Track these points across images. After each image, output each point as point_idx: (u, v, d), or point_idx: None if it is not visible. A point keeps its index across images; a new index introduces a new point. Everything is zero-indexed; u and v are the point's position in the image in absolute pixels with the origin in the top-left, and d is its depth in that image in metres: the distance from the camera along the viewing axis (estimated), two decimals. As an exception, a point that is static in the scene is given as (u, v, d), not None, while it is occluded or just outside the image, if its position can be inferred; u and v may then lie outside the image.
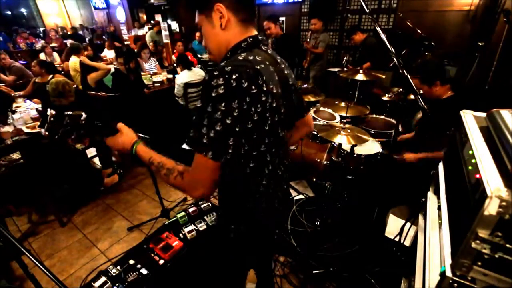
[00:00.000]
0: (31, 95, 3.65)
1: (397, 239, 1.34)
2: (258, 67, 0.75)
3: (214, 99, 0.70)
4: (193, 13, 0.87)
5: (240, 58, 0.77)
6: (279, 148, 0.90)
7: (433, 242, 0.91)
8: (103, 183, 2.92)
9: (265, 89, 0.75)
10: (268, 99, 0.77)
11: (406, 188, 1.74)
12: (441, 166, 1.13)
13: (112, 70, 3.72)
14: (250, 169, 0.84)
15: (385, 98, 2.93)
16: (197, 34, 6.04)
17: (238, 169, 0.83)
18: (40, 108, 3.10)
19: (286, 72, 0.91)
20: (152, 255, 1.64)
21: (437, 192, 1.09)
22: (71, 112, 0.99)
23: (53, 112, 0.96)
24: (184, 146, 1.92)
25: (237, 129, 0.73)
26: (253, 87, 0.73)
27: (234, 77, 0.70)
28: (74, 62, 3.99)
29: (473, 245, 0.61)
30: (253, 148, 0.80)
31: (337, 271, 1.84)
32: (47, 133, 0.94)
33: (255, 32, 0.86)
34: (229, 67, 0.71)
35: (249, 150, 0.80)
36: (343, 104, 2.71)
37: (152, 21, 7.24)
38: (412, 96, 1.90)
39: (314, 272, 1.86)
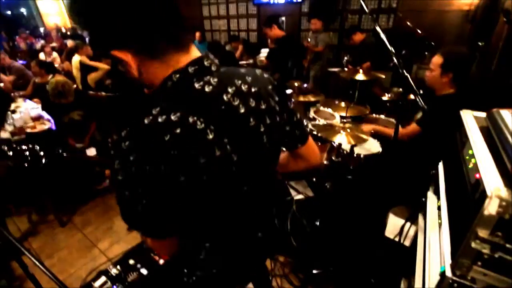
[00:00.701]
0: (31, 95, 3.65)
1: (397, 239, 1.34)
2: (168, 137, 0.54)
3: (120, 185, 0.60)
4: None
5: (146, 122, 0.55)
6: (230, 209, 0.74)
7: (433, 242, 0.91)
8: (102, 182, 2.92)
9: (181, 165, 0.57)
10: (191, 175, 0.59)
11: (406, 188, 1.74)
12: (441, 166, 1.13)
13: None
14: (201, 227, 0.74)
15: (385, 98, 2.93)
16: (197, 34, 6.04)
17: (186, 227, 0.75)
18: (41, 112, 3.10)
19: (242, 110, 0.64)
20: (152, 255, 1.63)
21: (437, 192, 1.09)
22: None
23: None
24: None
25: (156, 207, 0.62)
26: (162, 168, 0.56)
27: (131, 159, 0.55)
28: (76, 61, 4.00)
29: (473, 245, 0.61)
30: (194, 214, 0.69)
31: (337, 271, 1.84)
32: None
33: (185, 61, 0.60)
34: (127, 143, 0.55)
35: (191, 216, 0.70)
36: (343, 104, 2.71)
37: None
38: (412, 96, 1.90)
39: (314, 272, 1.86)
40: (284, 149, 0.90)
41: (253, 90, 0.67)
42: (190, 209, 0.67)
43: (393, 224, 1.64)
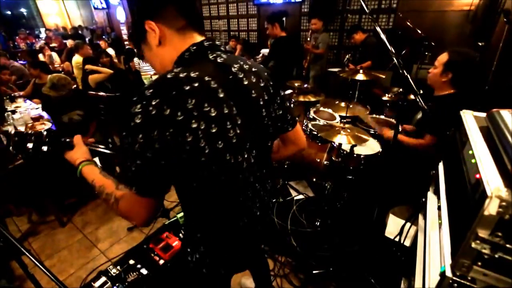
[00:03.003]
0: (31, 95, 3.66)
1: (397, 239, 1.34)
2: (188, 87, 0.64)
3: (131, 130, 0.62)
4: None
5: (168, 76, 0.65)
6: (236, 174, 0.77)
7: (433, 242, 0.91)
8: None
9: (195, 113, 0.63)
10: (201, 125, 0.64)
11: (406, 188, 1.74)
12: (441, 166, 1.13)
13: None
14: (198, 199, 0.78)
15: (385, 98, 2.93)
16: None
17: (183, 198, 0.80)
18: (41, 111, 3.10)
19: (246, 82, 0.76)
20: (152, 255, 1.64)
21: (437, 192, 1.09)
22: (31, 131, 0.97)
23: (13, 132, 0.95)
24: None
25: (162, 162, 0.64)
26: (179, 114, 0.62)
27: (153, 103, 0.61)
28: (76, 61, 3.99)
29: (473, 245, 0.61)
30: (191, 180, 0.72)
31: (337, 271, 1.84)
32: (15, 152, 0.93)
33: (199, 38, 0.74)
34: (150, 90, 0.62)
35: (187, 181, 0.73)
36: (343, 104, 2.71)
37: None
38: (412, 96, 1.89)
39: (314, 272, 1.86)
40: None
41: (253, 69, 0.80)
42: (200, 167, 0.70)
43: (393, 224, 1.64)
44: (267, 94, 0.81)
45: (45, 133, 0.97)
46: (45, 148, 0.96)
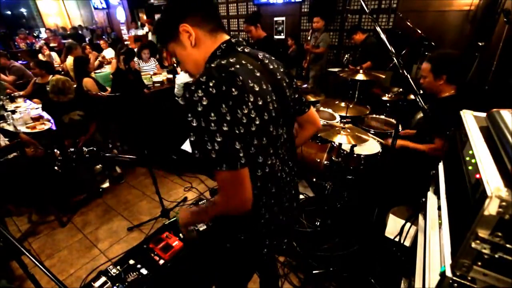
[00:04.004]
0: (31, 95, 3.65)
1: (397, 239, 1.34)
2: (233, 68, 0.74)
3: (202, 113, 0.68)
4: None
5: (213, 65, 0.76)
6: (277, 148, 0.86)
7: (433, 242, 0.91)
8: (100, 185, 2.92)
9: (246, 88, 0.73)
10: (251, 98, 0.74)
11: (406, 188, 1.74)
12: (441, 166, 1.13)
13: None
14: (257, 169, 0.82)
15: (385, 98, 2.93)
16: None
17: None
18: (41, 111, 3.10)
19: (271, 67, 0.88)
20: (152, 255, 1.63)
21: (437, 192, 1.09)
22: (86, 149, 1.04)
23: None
24: (184, 147, 1.91)
25: (237, 132, 0.71)
26: (233, 89, 0.70)
27: (211, 84, 0.69)
28: (70, 63, 3.98)
29: (473, 245, 0.61)
30: (247, 151, 0.76)
31: (337, 271, 1.84)
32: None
33: (226, 37, 0.85)
34: (203, 77, 0.70)
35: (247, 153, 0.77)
36: (343, 104, 2.71)
37: (153, 22, 7.25)
38: (412, 96, 1.89)
39: (314, 272, 1.86)
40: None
41: (272, 58, 0.93)
42: (254, 137, 0.77)
43: (393, 224, 1.64)
44: (287, 78, 0.94)
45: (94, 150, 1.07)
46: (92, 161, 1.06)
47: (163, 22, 0.85)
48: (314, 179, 2.57)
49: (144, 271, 1.52)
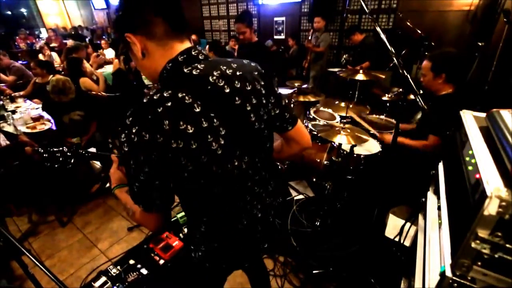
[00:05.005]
0: (31, 95, 3.65)
1: (397, 239, 1.34)
2: (161, 109, 0.64)
3: (125, 156, 0.68)
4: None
5: (144, 101, 0.67)
6: (227, 183, 0.79)
7: (433, 242, 0.91)
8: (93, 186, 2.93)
9: (172, 134, 0.65)
10: (179, 144, 0.66)
11: (406, 188, 1.74)
12: (441, 166, 1.13)
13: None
14: (195, 206, 0.84)
15: (385, 98, 2.93)
16: (194, 36, 6.05)
17: (182, 203, 0.86)
18: (41, 111, 3.10)
19: (227, 90, 0.72)
20: (152, 255, 1.64)
21: (437, 192, 1.09)
22: (62, 148, 1.08)
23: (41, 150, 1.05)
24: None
25: (156, 182, 0.70)
26: (158, 137, 0.64)
27: (134, 130, 0.64)
28: None
29: (473, 245, 0.61)
30: (185, 193, 0.80)
31: (337, 271, 1.84)
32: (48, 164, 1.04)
33: (179, 49, 0.72)
34: (130, 119, 0.66)
35: (181, 194, 0.80)
36: (343, 104, 2.71)
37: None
38: (412, 96, 1.89)
39: (314, 272, 1.86)
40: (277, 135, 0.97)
41: (238, 73, 0.75)
42: (187, 182, 0.74)
43: (393, 224, 1.64)
44: (256, 97, 0.77)
45: (73, 148, 1.09)
46: (72, 160, 1.08)
47: (115, 33, 0.80)
48: (314, 179, 2.57)
49: (144, 271, 1.53)
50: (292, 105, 3.02)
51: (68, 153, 1.08)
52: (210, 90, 0.70)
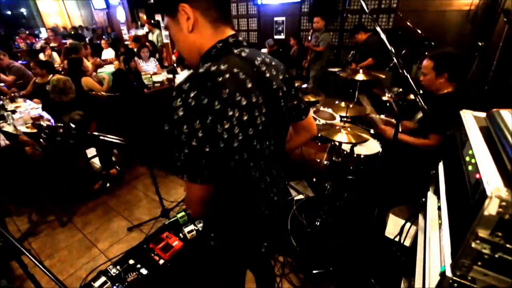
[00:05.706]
0: (31, 95, 3.65)
1: (397, 239, 1.34)
2: (221, 79, 0.68)
3: (176, 122, 0.67)
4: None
5: (201, 71, 0.70)
6: (258, 160, 0.84)
7: (433, 242, 0.91)
8: (94, 185, 2.92)
9: (231, 102, 0.68)
10: (236, 113, 0.69)
11: (406, 188, 1.74)
12: (441, 166, 1.13)
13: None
14: (224, 185, 0.83)
15: (385, 98, 2.93)
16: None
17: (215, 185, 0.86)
18: (41, 111, 3.10)
19: (268, 75, 0.81)
20: (152, 255, 1.63)
21: (437, 192, 1.09)
22: (60, 124, 1.03)
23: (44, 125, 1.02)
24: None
25: (206, 150, 0.69)
26: (216, 103, 0.66)
27: (192, 95, 0.65)
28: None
29: (473, 245, 0.61)
30: (225, 166, 0.78)
31: (337, 271, 1.84)
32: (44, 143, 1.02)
33: (229, 33, 0.78)
34: (187, 84, 0.67)
35: (221, 168, 0.78)
36: (343, 104, 2.71)
37: (152, 21, 7.24)
38: (412, 96, 1.89)
39: (314, 272, 1.86)
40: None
41: (273, 63, 0.85)
42: (235, 152, 0.75)
43: (393, 224, 1.64)
44: (286, 86, 0.87)
45: (72, 126, 1.05)
46: (71, 141, 1.05)
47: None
48: (314, 179, 2.57)
49: (144, 271, 1.52)
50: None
51: (70, 132, 1.03)
52: (256, 71, 0.78)
